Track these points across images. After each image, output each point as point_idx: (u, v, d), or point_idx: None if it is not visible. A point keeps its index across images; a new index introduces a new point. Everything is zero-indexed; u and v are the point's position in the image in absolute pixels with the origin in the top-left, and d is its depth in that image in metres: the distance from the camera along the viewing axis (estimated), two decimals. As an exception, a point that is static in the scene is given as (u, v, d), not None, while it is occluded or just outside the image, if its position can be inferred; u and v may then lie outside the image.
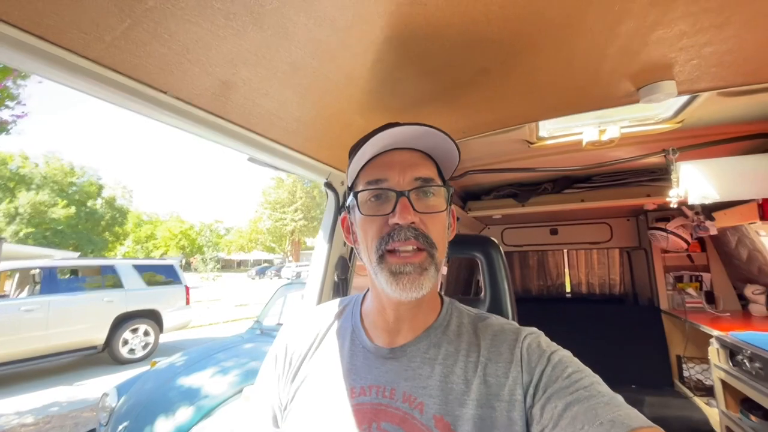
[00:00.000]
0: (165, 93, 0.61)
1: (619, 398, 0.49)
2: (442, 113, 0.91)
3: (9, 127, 5.87)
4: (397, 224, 0.56)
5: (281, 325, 3.64)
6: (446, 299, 0.70)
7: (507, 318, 0.98)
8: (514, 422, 0.52)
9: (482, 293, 1.00)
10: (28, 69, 0.49)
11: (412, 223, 0.57)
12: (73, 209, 21.45)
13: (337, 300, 0.78)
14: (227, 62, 0.59)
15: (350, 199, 0.64)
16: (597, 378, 0.52)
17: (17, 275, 6.21)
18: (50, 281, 5.71)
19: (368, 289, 0.72)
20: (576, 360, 0.56)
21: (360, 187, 0.62)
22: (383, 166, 0.61)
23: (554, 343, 0.60)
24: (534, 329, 0.63)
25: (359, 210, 0.61)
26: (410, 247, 0.56)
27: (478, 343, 0.61)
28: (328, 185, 1.15)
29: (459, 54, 0.65)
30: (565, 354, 0.57)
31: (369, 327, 0.67)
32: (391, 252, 0.57)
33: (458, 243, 1.07)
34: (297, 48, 0.59)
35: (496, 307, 0.96)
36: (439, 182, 0.62)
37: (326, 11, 0.52)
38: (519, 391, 0.54)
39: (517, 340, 0.59)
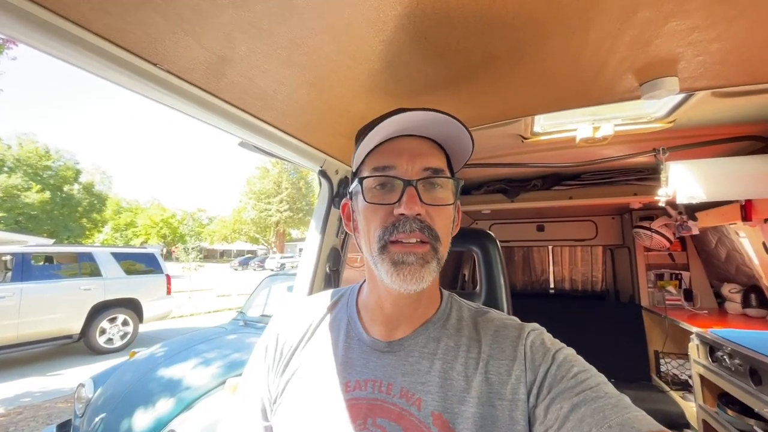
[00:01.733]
0: (155, 65, 0.57)
1: (626, 399, 0.48)
2: (445, 102, 0.88)
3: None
4: (403, 215, 0.54)
5: (265, 316, 3.60)
6: (445, 293, 0.68)
7: (503, 312, 0.97)
8: (516, 422, 0.51)
9: (477, 287, 0.99)
10: (5, 31, 0.44)
11: (418, 214, 0.54)
12: (48, 194, 20.64)
13: (331, 290, 0.75)
14: (225, 34, 0.55)
15: (354, 185, 0.61)
16: (603, 378, 0.51)
17: (-13, 261, 5.96)
18: (23, 268, 5.49)
19: (365, 281, 0.70)
20: (580, 358, 0.55)
21: (365, 173, 0.59)
22: (391, 152, 0.58)
23: (558, 341, 0.59)
24: (536, 325, 0.62)
25: (363, 197, 0.58)
26: (414, 240, 0.54)
27: (479, 339, 0.60)
28: (323, 173, 1.11)
29: (469, 38, 0.63)
30: (569, 352, 0.56)
31: (366, 319, 0.65)
32: (394, 242, 0.55)
33: (455, 236, 1.06)
34: (300, 23, 0.55)
35: (492, 301, 0.95)
36: (448, 174, 0.60)
37: None
38: (522, 390, 0.53)
39: (520, 337, 0.58)
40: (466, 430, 0.51)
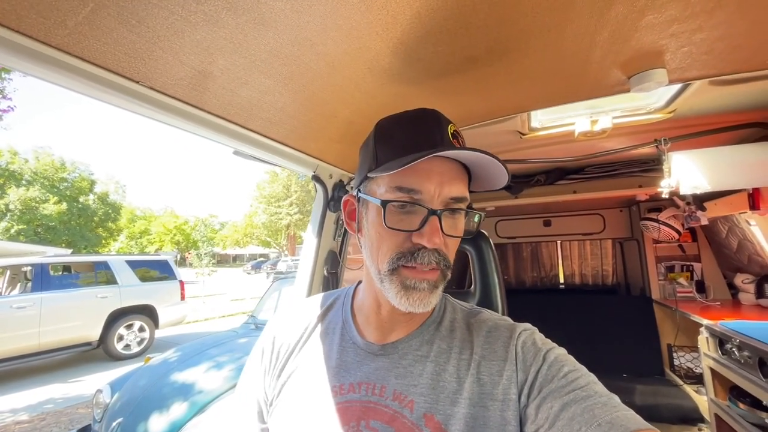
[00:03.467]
0: (137, 82, 0.58)
1: (616, 398, 0.48)
2: (429, 102, 0.88)
3: (-6, 122, 5.75)
4: (422, 246, 0.53)
5: (275, 319, 3.63)
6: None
7: (497, 311, 0.97)
8: (507, 422, 0.52)
9: (472, 286, 0.99)
10: (-12, 58, 0.46)
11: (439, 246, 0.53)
12: (64, 205, 21.15)
13: (326, 293, 0.76)
14: (202, 50, 0.56)
15: (374, 199, 0.57)
16: (593, 377, 0.51)
17: (8, 272, 6.15)
18: (42, 278, 5.65)
19: (359, 282, 0.70)
20: (571, 358, 0.55)
21: (384, 189, 0.56)
22: (419, 174, 0.54)
23: (549, 341, 0.59)
24: (528, 325, 0.62)
25: (384, 219, 0.54)
26: (428, 268, 0.54)
27: (471, 340, 0.60)
28: (316, 178, 1.13)
29: (445, 42, 0.63)
30: (560, 352, 0.56)
31: (361, 322, 0.66)
32: (407, 267, 0.54)
33: None
34: (275, 35, 0.56)
35: (486, 301, 0.95)
36: (469, 201, 0.58)
37: None
38: (513, 390, 0.53)
39: (512, 338, 0.58)
40: (459, 431, 0.51)
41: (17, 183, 20.09)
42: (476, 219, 0.59)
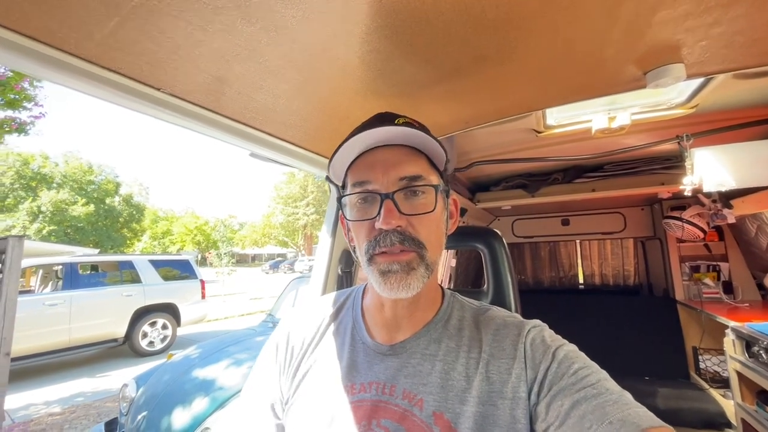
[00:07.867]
0: (159, 90, 0.61)
1: (628, 396, 0.47)
2: (443, 103, 0.89)
3: (27, 128, 6.03)
4: (382, 229, 0.55)
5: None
6: (447, 292, 0.69)
7: (510, 310, 0.96)
8: (517, 420, 0.52)
9: (485, 285, 0.99)
10: (24, 70, 0.50)
11: (398, 226, 0.55)
12: (92, 207, 21.97)
13: (338, 292, 0.77)
14: (219, 57, 0.59)
15: (344, 199, 0.62)
16: (604, 374, 0.51)
17: (41, 271, 6.46)
18: (72, 277, 5.91)
19: (368, 282, 0.71)
20: (582, 354, 0.54)
21: (348, 188, 0.61)
22: (366, 166, 0.59)
23: (559, 337, 0.58)
24: (537, 322, 0.61)
25: (347, 213, 0.60)
26: (397, 250, 0.55)
27: (479, 338, 0.60)
28: (330, 179, 1.15)
29: (454, 42, 0.64)
30: (570, 348, 0.55)
31: (369, 322, 0.67)
32: (379, 254, 0.56)
33: (462, 235, 1.06)
34: (288, 41, 0.58)
35: (499, 300, 0.95)
36: (430, 178, 0.59)
37: (314, 3, 0.51)
38: (523, 389, 0.53)
39: (520, 335, 0.58)
40: (468, 430, 0.52)
41: (48, 186, 21.01)
42: (435, 190, 0.59)
